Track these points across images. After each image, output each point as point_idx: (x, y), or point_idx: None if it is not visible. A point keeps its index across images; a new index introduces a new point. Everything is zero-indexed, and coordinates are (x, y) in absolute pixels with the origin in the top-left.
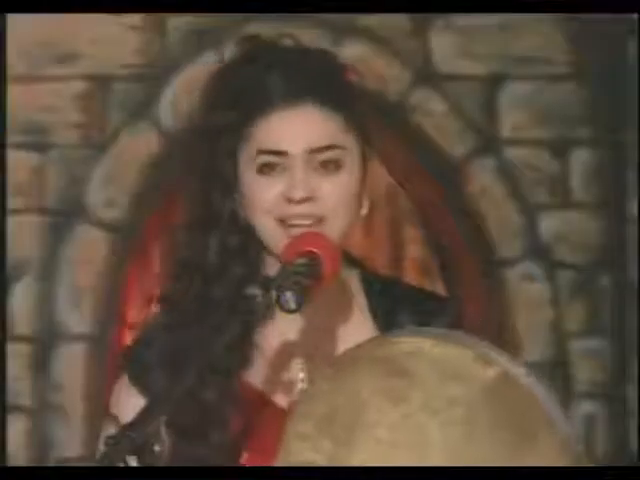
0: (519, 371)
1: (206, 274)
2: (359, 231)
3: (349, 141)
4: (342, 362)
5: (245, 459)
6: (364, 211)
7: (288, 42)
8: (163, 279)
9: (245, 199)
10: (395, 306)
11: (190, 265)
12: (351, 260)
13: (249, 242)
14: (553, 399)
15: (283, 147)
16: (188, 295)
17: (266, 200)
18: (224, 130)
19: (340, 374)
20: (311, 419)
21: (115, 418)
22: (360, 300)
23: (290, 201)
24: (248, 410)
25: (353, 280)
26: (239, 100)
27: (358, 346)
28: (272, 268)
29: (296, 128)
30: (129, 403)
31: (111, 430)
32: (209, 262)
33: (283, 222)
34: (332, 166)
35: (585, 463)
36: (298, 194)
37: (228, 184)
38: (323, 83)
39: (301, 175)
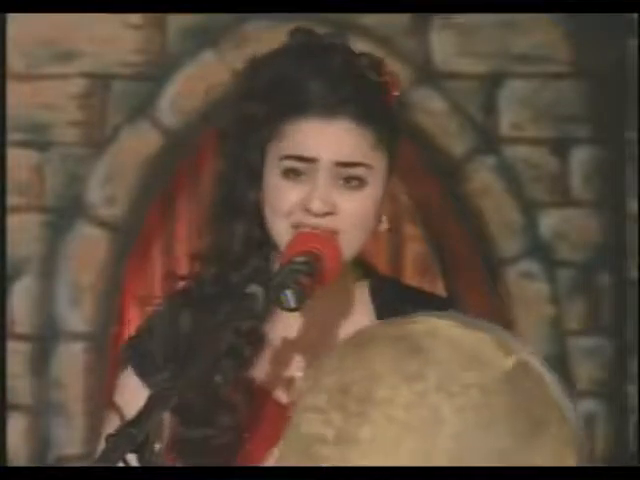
0: (535, 361)
1: (227, 261)
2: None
3: (377, 159)
4: (357, 339)
5: (247, 452)
6: (384, 226)
7: (338, 42)
8: (186, 260)
9: (266, 199)
10: (401, 308)
11: (213, 247)
12: (356, 262)
13: (268, 236)
14: (564, 391)
15: (311, 154)
16: (207, 278)
17: (285, 205)
18: (256, 121)
19: (355, 350)
20: (323, 392)
21: (119, 409)
22: (366, 301)
23: (308, 212)
24: (251, 403)
25: (359, 281)
26: (276, 94)
27: (374, 325)
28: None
29: (328, 138)
30: (133, 394)
31: (115, 421)
32: (232, 248)
33: (297, 228)
34: (355, 182)
35: (587, 459)
36: (317, 207)
37: (255, 176)
38: (364, 97)
39: (323, 187)
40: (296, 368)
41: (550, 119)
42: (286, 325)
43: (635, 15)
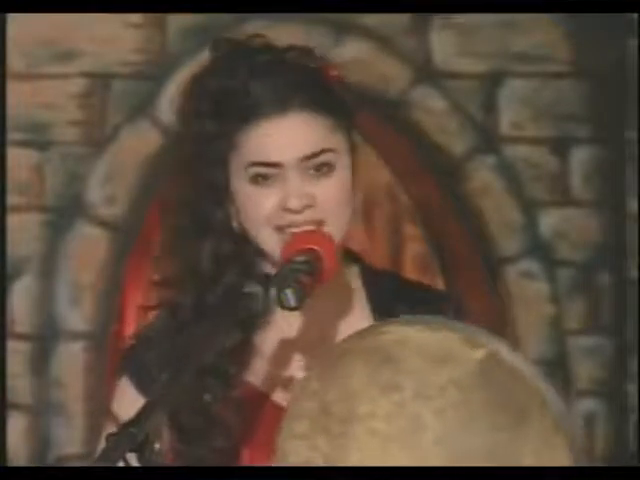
0: (506, 351)
1: (200, 280)
2: (359, 228)
3: (338, 141)
4: (330, 357)
5: (245, 457)
6: (356, 206)
7: (260, 42)
8: (158, 284)
9: (240, 209)
10: (394, 300)
11: (184, 271)
12: (351, 255)
13: (242, 249)
14: (542, 376)
15: (275, 158)
16: (183, 301)
17: (263, 210)
18: (211, 137)
19: (329, 369)
20: (305, 418)
21: (116, 418)
22: (360, 295)
23: (288, 210)
24: (248, 409)
25: (353, 275)
26: (222, 107)
27: (344, 339)
28: (267, 269)
29: (286, 137)
30: (130, 403)
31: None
32: (203, 268)
33: (282, 230)
34: (325, 169)
35: (576, 439)
36: (296, 203)
37: (219, 192)
38: (306, 87)
39: (296, 184)
40: (294, 368)
41: (550, 118)
42: (282, 325)
43: (635, 15)
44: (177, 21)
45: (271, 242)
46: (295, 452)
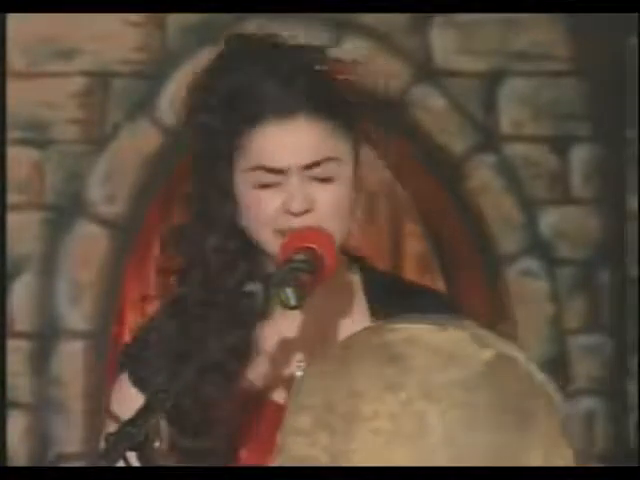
0: (513, 352)
1: (205, 276)
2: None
3: (342, 149)
4: (336, 353)
5: (244, 456)
6: (358, 213)
7: (273, 41)
8: (163, 279)
9: (243, 210)
10: (395, 302)
11: (189, 266)
12: (352, 257)
13: (248, 244)
14: (549, 379)
15: (279, 165)
16: (188, 296)
17: (265, 213)
18: (217, 134)
19: (334, 366)
20: (307, 413)
21: (116, 417)
22: (360, 296)
23: (289, 213)
24: (248, 407)
25: (354, 276)
26: (231, 104)
27: (351, 336)
28: (271, 268)
29: (291, 144)
30: (129, 401)
31: (112, 428)
32: (208, 264)
33: (282, 233)
34: (327, 177)
35: (581, 442)
36: (297, 207)
37: (225, 188)
38: (315, 92)
39: (298, 188)
40: (294, 367)
41: (550, 117)
42: (282, 324)
43: (635, 14)
44: (177, 20)
45: (272, 244)
46: (296, 448)
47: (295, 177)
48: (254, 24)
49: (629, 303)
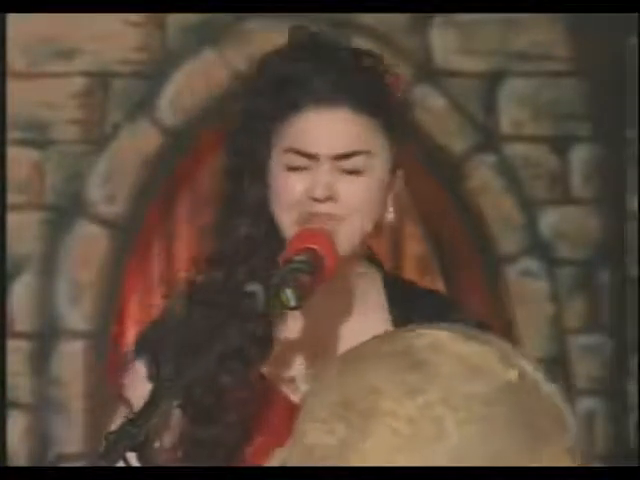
0: (537, 373)
1: (232, 261)
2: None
3: (378, 145)
4: (357, 353)
5: (256, 446)
6: (390, 216)
7: (340, 40)
8: (191, 262)
9: (273, 191)
10: (414, 310)
11: (216, 251)
12: (374, 261)
13: (273, 231)
14: (566, 403)
15: (312, 150)
16: (213, 280)
17: (291, 196)
18: (262, 117)
19: (355, 365)
20: (326, 406)
21: (128, 402)
22: (381, 301)
23: (313, 199)
24: (261, 397)
25: (374, 280)
26: (281, 90)
27: (374, 338)
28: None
29: (327, 131)
30: (141, 387)
31: (124, 413)
32: (235, 248)
33: (304, 219)
34: (356, 169)
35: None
36: (321, 192)
37: (260, 170)
38: (362, 87)
39: (326, 176)
40: (306, 365)
41: (550, 117)
42: (295, 322)
43: (635, 14)
44: (177, 20)
45: (290, 230)
46: (313, 435)
47: (325, 165)
48: (253, 25)
49: (629, 303)
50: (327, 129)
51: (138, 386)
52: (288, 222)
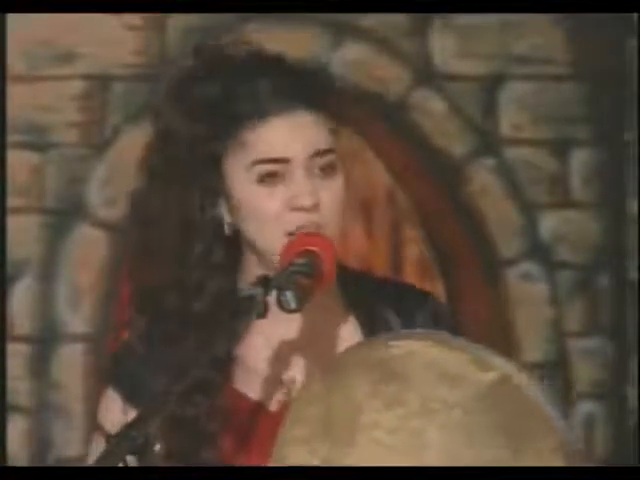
0: (516, 373)
1: (185, 288)
2: (358, 231)
3: (335, 143)
4: (335, 366)
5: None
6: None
7: (244, 49)
8: (140, 295)
9: (240, 210)
10: (374, 301)
11: (170, 278)
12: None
13: (233, 253)
14: (551, 400)
15: (284, 154)
16: (167, 310)
17: (271, 209)
18: (202, 140)
19: (333, 378)
20: (306, 423)
21: (102, 429)
22: (340, 303)
23: (297, 209)
24: (239, 418)
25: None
26: (216, 110)
27: (350, 349)
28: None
29: (294, 134)
30: (116, 414)
31: (101, 441)
32: (190, 274)
33: (287, 231)
34: (329, 170)
35: (583, 463)
36: (307, 201)
37: (210, 193)
38: (308, 87)
39: (305, 182)
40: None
41: (550, 120)
42: (265, 332)
43: (635, 15)
44: (177, 23)
45: (276, 243)
46: (295, 457)
47: (299, 169)
48: (253, 26)
49: (629, 306)
50: (295, 132)
51: (111, 412)
52: (272, 236)
